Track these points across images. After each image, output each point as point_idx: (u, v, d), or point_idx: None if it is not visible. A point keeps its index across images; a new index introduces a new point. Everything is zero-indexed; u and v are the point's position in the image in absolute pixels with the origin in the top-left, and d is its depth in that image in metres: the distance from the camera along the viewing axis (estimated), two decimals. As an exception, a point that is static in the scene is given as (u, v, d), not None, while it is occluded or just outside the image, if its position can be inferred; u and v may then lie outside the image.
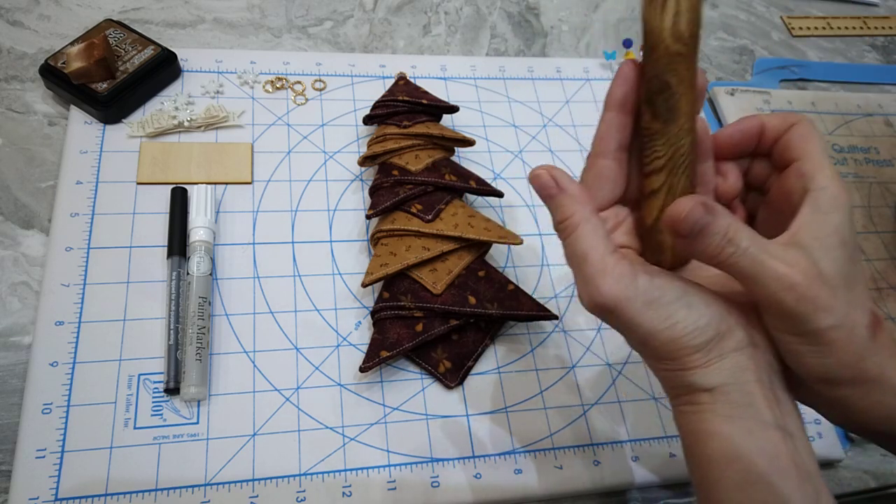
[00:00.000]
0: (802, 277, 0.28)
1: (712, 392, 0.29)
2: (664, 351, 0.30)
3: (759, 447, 0.28)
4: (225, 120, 0.55)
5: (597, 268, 0.29)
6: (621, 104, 0.32)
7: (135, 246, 0.48)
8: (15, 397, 0.42)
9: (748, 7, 0.79)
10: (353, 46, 0.64)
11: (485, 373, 0.48)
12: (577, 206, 0.31)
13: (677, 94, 0.30)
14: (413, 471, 0.43)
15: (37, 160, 0.51)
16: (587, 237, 0.30)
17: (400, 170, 0.50)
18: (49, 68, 0.52)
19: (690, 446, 0.30)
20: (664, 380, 0.32)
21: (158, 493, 0.40)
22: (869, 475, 0.49)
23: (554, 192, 0.32)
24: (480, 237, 0.48)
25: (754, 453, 0.28)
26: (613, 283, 0.29)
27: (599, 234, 0.30)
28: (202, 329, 0.44)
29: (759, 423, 0.29)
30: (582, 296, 0.30)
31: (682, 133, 0.30)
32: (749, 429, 0.28)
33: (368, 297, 0.49)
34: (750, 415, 0.29)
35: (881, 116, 0.70)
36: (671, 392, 0.32)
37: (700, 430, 0.30)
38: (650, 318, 0.29)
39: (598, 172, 0.33)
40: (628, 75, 0.32)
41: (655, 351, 0.30)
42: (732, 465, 0.28)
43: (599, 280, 0.29)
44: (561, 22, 0.71)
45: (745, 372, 0.29)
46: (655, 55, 0.29)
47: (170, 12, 0.62)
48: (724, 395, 0.29)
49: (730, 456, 0.28)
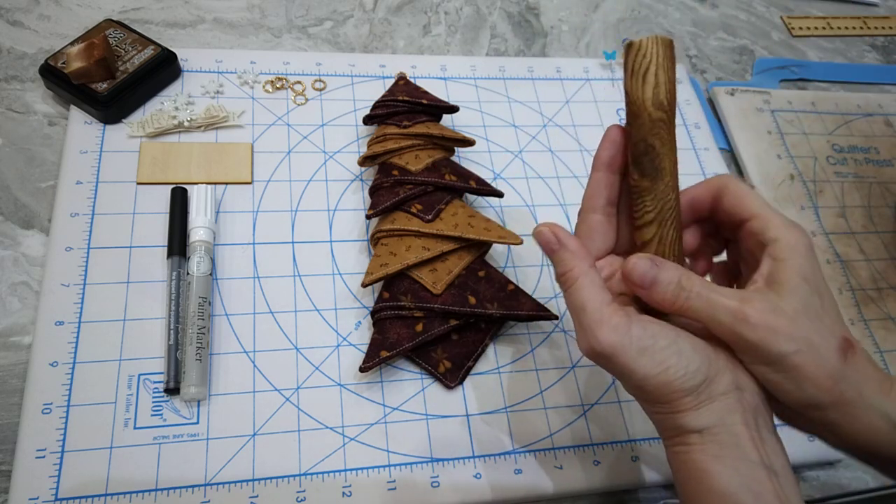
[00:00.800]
0: (756, 311, 0.31)
1: (702, 433, 0.31)
2: (657, 395, 0.32)
3: (746, 484, 0.30)
4: (225, 120, 0.55)
5: (594, 318, 0.32)
6: (608, 164, 0.35)
7: (135, 246, 0.48)
8: (15, 397, 0.42)
9: (748, 7, 0.79)
10: (353, 46, 0.64)
11: (485, 373, 0.48)
12: (576, 260, 0.34)
13: (661, 155, 0.33)
14: (413, 471, 0.43)
15: (37, 160, 0.51)
16: (585, 289, 0.33)
17: (400, 170, 0.50)
18: (49, 68, 0.52)
19: (683, 483, 0.33)
20: (658, 423, 0.34)
21: (158, 493, 0.40)
22: (869, 475, 0.49)
23: (555, 248, 0.35)
24: (480, 237, 0.48)
25: (741, 490, 0.30)
26: (610, 332, 0.31)
27: (597, 286, 0.33)
28: (202, 329, 0.44)
29: (745, 462, 0.31)
30: (581, 343, 0.33)
31: (668, 189, 0.34)
32: (736, 467, 0.30)
33: (368, 297, 0.49)
34: (737, 454, 0.31)
35: (881, 116, 0.70)
36: (665, 434, 0.34)
37: (691, 469, 0.32)
38: (644, 365, 0.31)
39: (589, 227, 0.36)
40: (615, 138, 0.35)
41: (649, 395, 0.32)
42: (721, 501, 0.30)
43: (597, 329, 0.32)
44: (561, 22, 0.71)
45: (733, 414, 0.31)
46: (639, 122, 0.33)
47: (170, 12, 0.62)
48: (712, 436, 0.31)
49: (719, 492, 0.30)
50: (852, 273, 0.58)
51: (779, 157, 0.64)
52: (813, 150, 0.65)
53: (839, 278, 0.57)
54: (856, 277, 0.57)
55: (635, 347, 0.31)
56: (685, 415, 0.32)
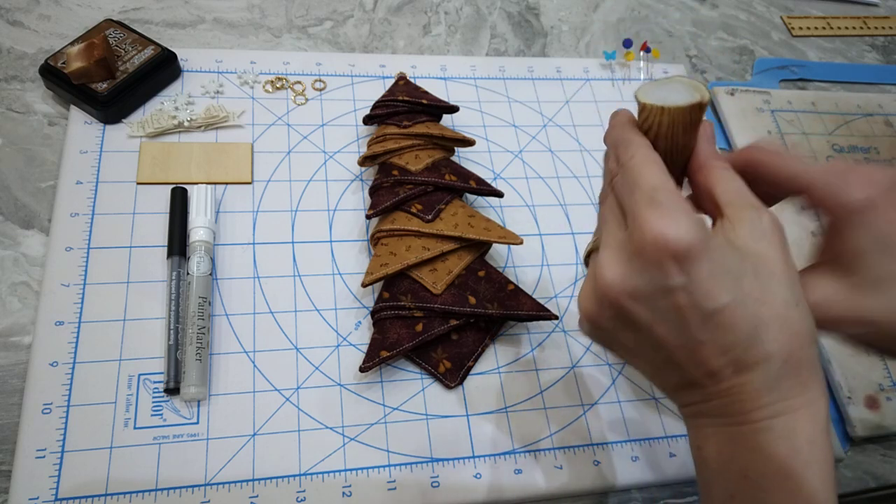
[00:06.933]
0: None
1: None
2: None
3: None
4: (225, 120, 0.55)
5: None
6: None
7: (135, 246, 0.48)
8: (15, 397, 0.42)
9: (748, 7, 0.79)
10: (353, 46, 0.64)
11: (485, 373, 0.47)
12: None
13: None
14: (413, 471, 0.43)
15: (37, 160, 0.51)
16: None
17: (400, 170, 0.50)
18: (49, 68, 0.52)
19: (785, 456, 0.28)
20: (746, 385, 0.28)
21: (158, 493, 0.40)
22: (869, 475, 0.49)
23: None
24: (480, 237, 0.48)
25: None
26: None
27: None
28: (202, 329, 0.44)
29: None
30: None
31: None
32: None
33: (368, 297, 0.49)
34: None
35: (881, 116, 0.70)
36: (752, 402, 0.28)
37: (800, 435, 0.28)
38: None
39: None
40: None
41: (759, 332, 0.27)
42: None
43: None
44: (561, 22, 0.71)
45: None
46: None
47: (170, 12, 0.62)
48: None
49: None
50: (852, 273, 0.57)
51: (779, 157, 0.64)
52: (813, 150, 0.65)
53: (839, 278, 0.57)
54: (856, 277, 0.57)
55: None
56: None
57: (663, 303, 0.27)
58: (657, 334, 0.28)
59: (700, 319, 0.27)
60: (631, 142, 0.29)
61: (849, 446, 0.50)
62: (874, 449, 0.50)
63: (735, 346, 0.27)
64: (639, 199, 0.27)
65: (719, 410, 0.29)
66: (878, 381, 0.52)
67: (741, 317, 0.27)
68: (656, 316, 0.28)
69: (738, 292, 0.27)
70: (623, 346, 0.31)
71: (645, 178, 0.27)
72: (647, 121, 0.30)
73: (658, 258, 0.26)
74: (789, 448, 0.27)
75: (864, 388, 0.51)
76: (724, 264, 0.27)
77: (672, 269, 0.26)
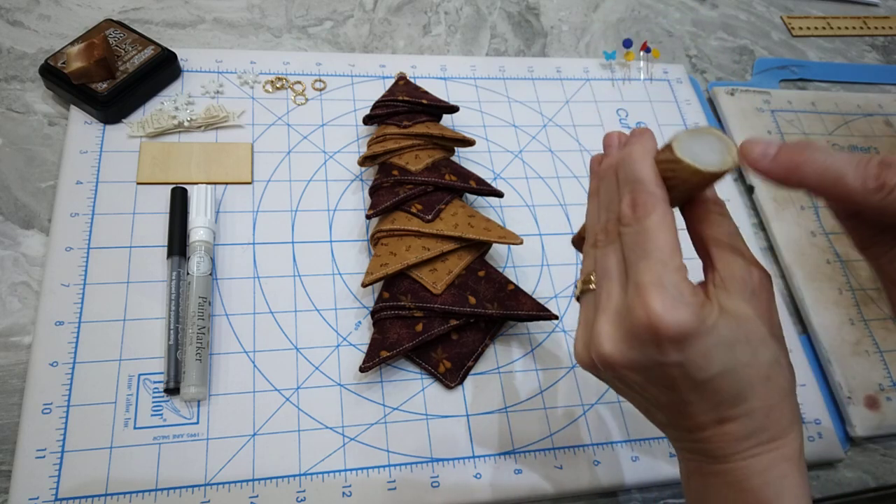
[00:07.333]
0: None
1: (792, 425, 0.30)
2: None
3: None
4: (225, 120, 0.55)
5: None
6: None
7: (135, 246, 0.48)
8: (15, 397, 0.42)
9: (748, 7, 0.79)
10: (353, 46, 0.64)
11: (485, 373, 0.47)
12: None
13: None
14: (413, 471, 0.43)
15: (37, 160, 0.51)
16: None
17: (400, 170, 0.50)
18: (49, 68, 0.52)
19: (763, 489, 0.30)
20: (729, 433, 0.29)
21: (158, 493, 0.40)
22: (869, 475, 0.49)
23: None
24: (480, 237, 0.48)
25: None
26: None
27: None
28: (202, 329, 0.44)
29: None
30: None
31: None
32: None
33: (368, 297, 0.49)
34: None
35: (881, 116, 0.70)
36: (736, 444, 0.30)
37: (787, 471, 0.30)
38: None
39: None
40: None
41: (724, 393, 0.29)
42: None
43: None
44: (561, 22, 0.71)
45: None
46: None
47: (170, 12, 0.62)
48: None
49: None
50: (852, 273, 0.58)
51: (779, 157, 0.64)
52: (813, 150, 0.65)
53: (839, 278, 0.57)
54: (856, 277, 0.57)
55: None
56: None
57: (657, 372, 0.28)
58: (649, 393, 0.30)
59: (691, 387, 0.28)
60: (652, 193, 0.29)
61: (849, 446, 0.50)
62: (874, 449, 0.50)
63: (721, 404, 0.29)
64: (646, 272, 0.27)
65: (701, 451, 0.31)
66: (878, 381, 0.52)
67: (730, 381, 0.28)
68: (650, 380, 0.29)
69: (730, 361, 0.28)
70: (616, 388, 0.33)
71: (658, 247, 0.27)
72: (675, 173, 0.29)
73: (656, 340, 0.27)
74: (762, 482, 0.29)
75: (864, 388, 0.51)
76: (720, 338, 0.27)
77: (669, 350, 0.27)
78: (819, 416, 0.50)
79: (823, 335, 0.53)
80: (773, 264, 0.58)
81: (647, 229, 0.28)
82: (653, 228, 0.28)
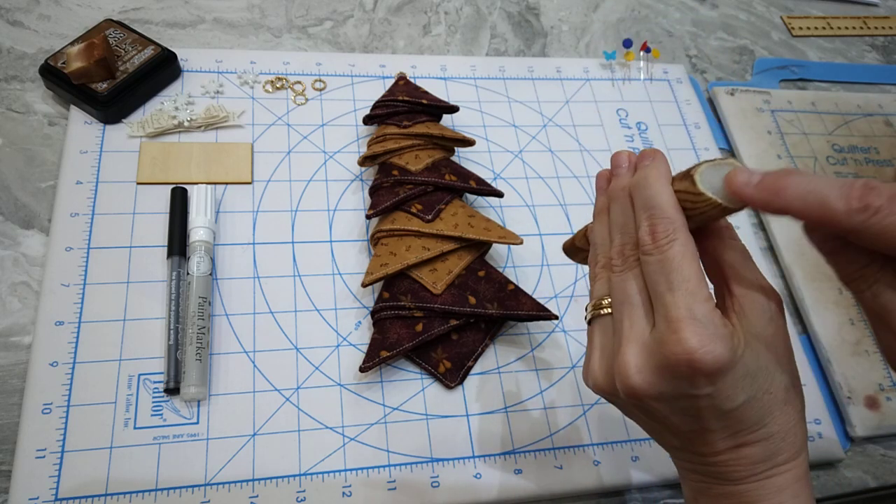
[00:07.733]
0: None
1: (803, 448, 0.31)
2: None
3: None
4: (225, 120, 0.55)
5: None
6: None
7: (135, 246, 0.48)
8: (15, 397, 0.42)
9: (748, 7, 0.79)
10: (353, 46, 0.64)
11: (485, 373, 0.47)
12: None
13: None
14: (413, 471, 0.43)
15: (37, 160, 0.51)
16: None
17: (400, 170, 0.50)
18: (49, 68, 0.52)
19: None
20: (746, 456, 0.30)
21: (158, 493, 0.40)
22: (869, 475, 0.49)
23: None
24: (480, 237, 0.48)
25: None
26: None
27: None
28: (202, 329, 0.44)
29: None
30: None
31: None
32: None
33: (368, 297, 0.49)
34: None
35: (881, 116, 0.70)
36: (754, 467, 0.30)
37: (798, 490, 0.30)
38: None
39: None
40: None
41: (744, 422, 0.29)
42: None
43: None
44: (561, 22, 0.71)
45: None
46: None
47: (170, 12, 0.62)
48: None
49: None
50: (852, 273, 0.57)
51: (779, 157, 0.64)
52: (813, 150, 0.65)
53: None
54: (856, 277, 0.57)
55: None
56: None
57: (685, 403, 0.28)
58: (669, 421, 0.30)
59: (716, 416, 0.29)
60: (672, 220, 0.28)
61: (849, 446, 0.50)
62: (874, 449, 0.50)
63: (741, 430, 0.29)
64: (676, 305, 0.27)
65: (714, 473, 0.31)
66: (878, 381, 0.52)
67: (753, 409, 0.29)
68: (674, 410, 0.29)
69: (754, 389, 0.28)
70: (630, 414, 0.33)
71: (685, 278, 0.27)
72: (695, 205, 0.29)
73: (691, 374, 0.27)
74: (775, 503, 0.30)
75: (864, 388, 0.51)
76: (746, 368, 0.28)
77: (701, 383, 0.27)
78: (819, 416, 0.50)
79: (823, 335, 0.53)
80: (773, 264, 0.58)
81: (670, 259, 0.28)
82: (677, 258, 0.28)
